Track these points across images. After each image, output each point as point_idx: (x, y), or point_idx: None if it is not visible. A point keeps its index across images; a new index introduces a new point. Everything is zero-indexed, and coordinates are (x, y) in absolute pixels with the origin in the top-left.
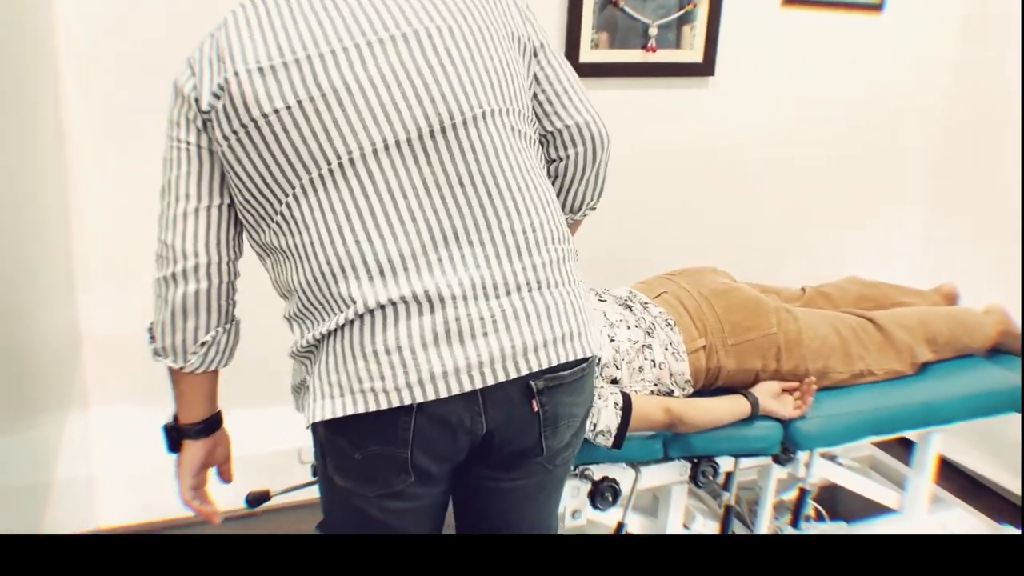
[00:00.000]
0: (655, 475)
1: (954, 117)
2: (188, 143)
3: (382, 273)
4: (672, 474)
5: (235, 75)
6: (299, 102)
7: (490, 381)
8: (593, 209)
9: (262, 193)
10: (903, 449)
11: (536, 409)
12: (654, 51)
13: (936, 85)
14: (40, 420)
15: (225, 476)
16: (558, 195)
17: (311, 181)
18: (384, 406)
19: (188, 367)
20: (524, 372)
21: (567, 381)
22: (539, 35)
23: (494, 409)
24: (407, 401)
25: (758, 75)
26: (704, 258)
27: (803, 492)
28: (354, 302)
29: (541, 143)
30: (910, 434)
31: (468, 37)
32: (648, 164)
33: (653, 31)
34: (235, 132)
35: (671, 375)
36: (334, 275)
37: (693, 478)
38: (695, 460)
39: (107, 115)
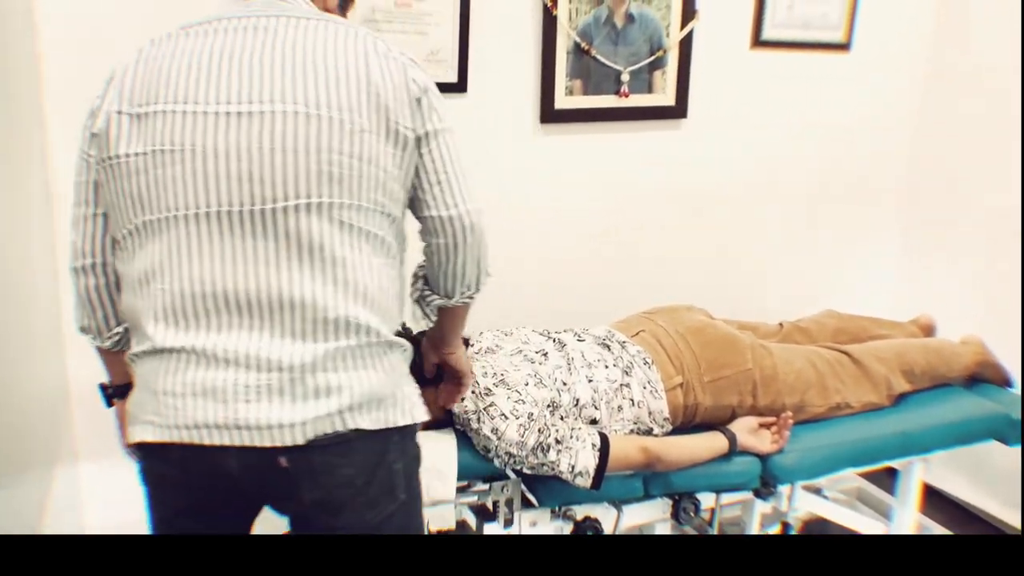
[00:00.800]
0: (637, 513)
1: (921, 152)
2: (88, 155)
3: (176, 322)
4: (654, 512)
5: (110, 113)
6: (151, 151)
7: (240, 442)
8: (471, 298)
9: (115, 219)
10: (891, 480)
11: (285, 465)
12: (627, 96)
13: (903, 121)
14: (28, 476)
15: None
16: (430, 279)
17: (144, 224)
18: (153, 439)
19: (104, 346)
20: (268, 444)
21: (323, 445)
22: (433, 122)
23: (247, 466)
24: (174, 439)
25: (730, 116)
26: (681, 296)
27: (786, 526)
28: (150, 339)
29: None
30: (894, 464)
31: (319, 127)
32: (623, 206)
33: (625, 77)
34: (101, 161)
35: (650, 413)
36: (144, 311)
37: (675, 515)
38: (676, 497)
39: None
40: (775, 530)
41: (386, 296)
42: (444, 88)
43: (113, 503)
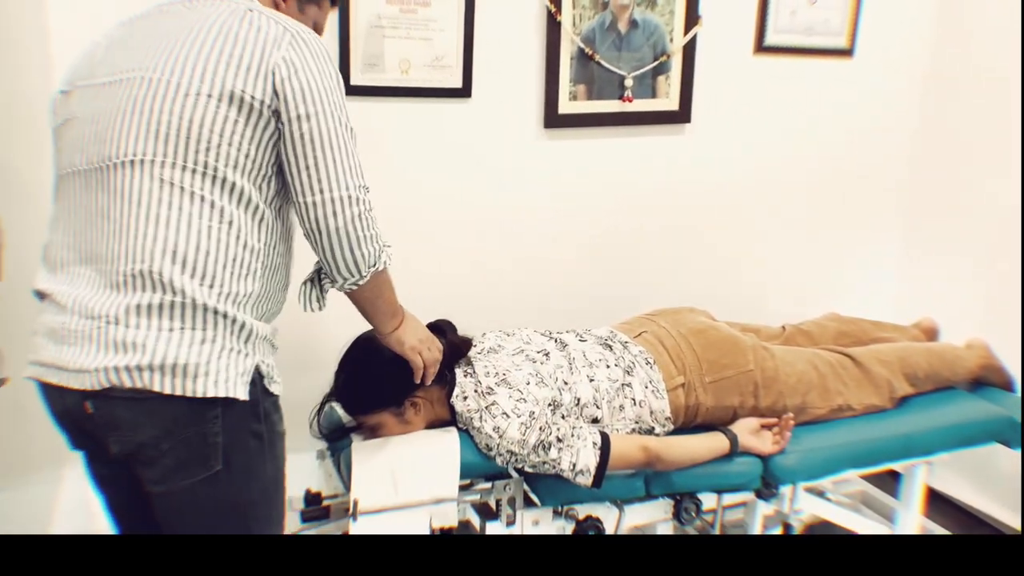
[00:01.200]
0: (639, 514)
1: (921, 155)
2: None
3: (49, 268)
4: (656, 512)
5: (55, 93)
6: (63, 121)
7: (58, 382)
8: (356, 285)
9: None
10: (894, 483)
11: (91, 411)
12: (630, 101)
13: (904, 125)
14: (36, 476)
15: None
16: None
17: (56, 182)
18: (25, 375)
19: None
20: (76, 386)
21: (125, 399)
22: (300, 107)
23: (68, 408)
24: (31, 375)
25: (733, 121)
26: (684, 298)
27: (787, 527)
28: (36, 282)
29: None
30: (897, 467)
31: (154, 89)
32: (628, 209)
33: (629, 82)
34: (53, 132)
35: (651, 412)
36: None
37: (677, 515)
38: (677, 497)
39: None
40: (777, 532)
41: (209, 260)
42: (449, 93)
43: None
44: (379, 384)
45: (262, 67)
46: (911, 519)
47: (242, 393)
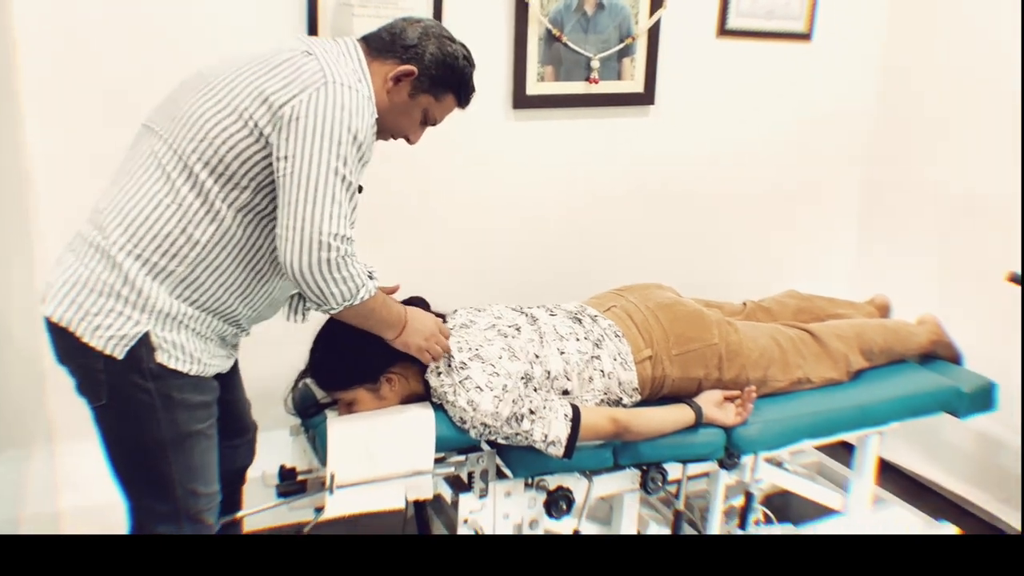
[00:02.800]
0: (607, 484)
1: (879, 139)
2: None
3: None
4: (623, 482)
5: None
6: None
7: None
8: (330, 311)
9: None
10: (848, 454)
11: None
12: (597, 83)
13: (861, 109)
14: (4, 456)
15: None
16: None
17: None
18: None
19: None
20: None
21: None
22: (289, 147)
23: None
24: None
25: (697, 102)
26: (651, 275)
27: (749, 495)
28: None
29: None
30: (849, 438)
31: (205, 87)
32: (595, 188)
33: (595, 64)
34: None
35: (620, 384)
36: None
37: (643, 485)
38: (644, 467)
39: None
40: (739, 501)
41: (144, 227)
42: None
43: (87, 483)
44: (354, 361)
45: (276, 100)
46: (864, 488)
47: (118, 353)
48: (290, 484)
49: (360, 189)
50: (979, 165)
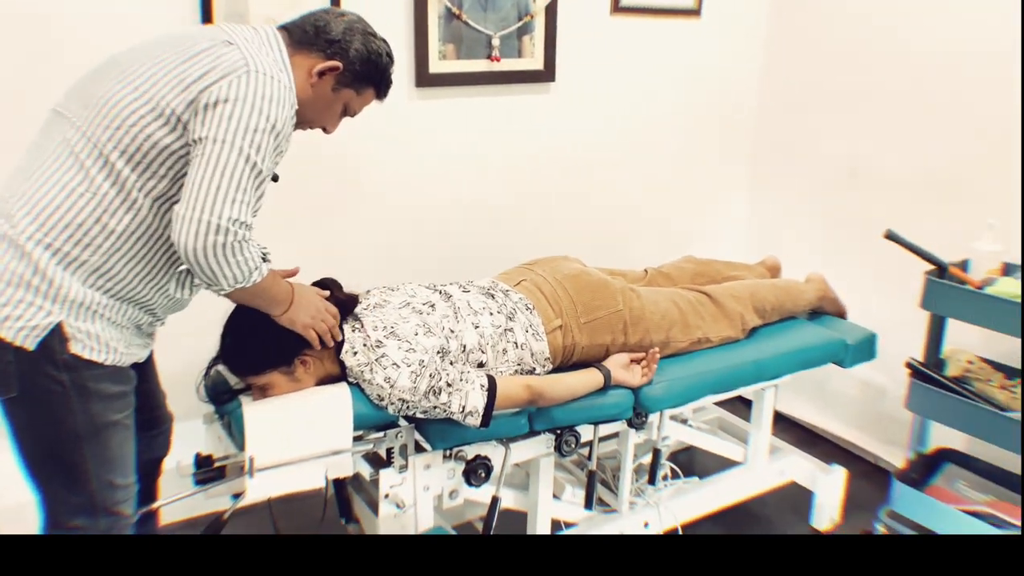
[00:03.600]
0: (524, 449)
1: (765, 109)
2: None
3: None
4: (539, 447)
5: None
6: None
7: None
8: (221, 291)
9: None
10: (745, 408)
11: None
12: (498, 60)
13: (748, 80)
14: None
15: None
16: None
17: None
18: None
19: None
20: None
21: None
22: (204, 129)
23: None
24: None
25: (594, 78)
26: (557, 248)
27: (656, 452)
28: None
29: None
30: (746, 393)
31: (118, 73)
32: (500, 164)
33: (496, 42)
34: None
35: (532, 355)
36: None
37: (558, 448)
38: (558, 431)
39: None
40: (648, 459)
41: (55, 216)
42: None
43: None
44: (267, 345)
45: (196, 87)
46: (762, 439)
47: (30, 344)
48: (207, 471)
49: (276, 178)
50: (858, 132)
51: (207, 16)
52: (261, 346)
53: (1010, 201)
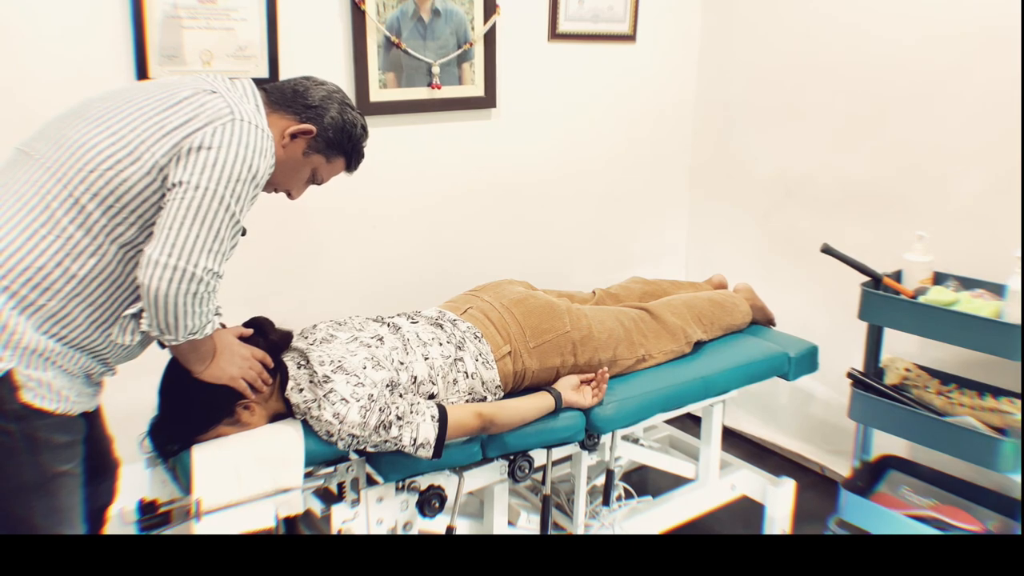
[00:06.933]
0: (477, 477)
1: (700, 130)
2: None
3: None
4: (492, 474)
5: None
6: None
7: None
8: (173, 343)
9: None
10: (695, 425)
11: None
12: (439, 88)
13: (683, 102)
14: None
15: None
16: None
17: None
18: None
19: None
20: None
21: None
22: (182, 174)
23: None
24: None
25: (534, 104)
26: (503, 273)
27: (610, 473)
28: None
29: None
30: (696, 409)
31: (96, 117)
32: (444, 191)
33: (436, 69)
34: None
35: (483, 383)
36: None
37: (512, 474)
38: (512, 457)
39: None
40: (601, 481)
41: (15, 258)
42: (256, 83)
43: None
44: (201, 408)
45: (179, 133)
46: (712, 455)
47: None
48: (151, 518)
49: (243, 232)
50: (791, 149)
51: (140, 48)
52: (196, 411)
53: (937, 213)
